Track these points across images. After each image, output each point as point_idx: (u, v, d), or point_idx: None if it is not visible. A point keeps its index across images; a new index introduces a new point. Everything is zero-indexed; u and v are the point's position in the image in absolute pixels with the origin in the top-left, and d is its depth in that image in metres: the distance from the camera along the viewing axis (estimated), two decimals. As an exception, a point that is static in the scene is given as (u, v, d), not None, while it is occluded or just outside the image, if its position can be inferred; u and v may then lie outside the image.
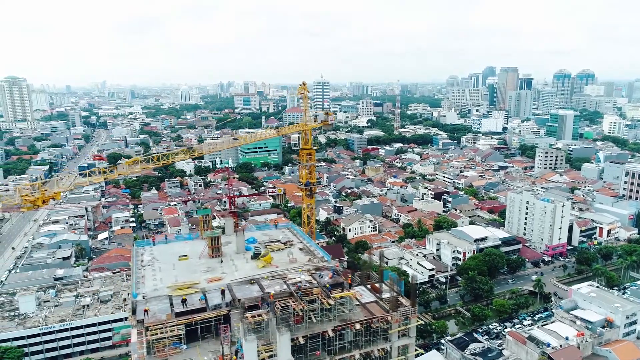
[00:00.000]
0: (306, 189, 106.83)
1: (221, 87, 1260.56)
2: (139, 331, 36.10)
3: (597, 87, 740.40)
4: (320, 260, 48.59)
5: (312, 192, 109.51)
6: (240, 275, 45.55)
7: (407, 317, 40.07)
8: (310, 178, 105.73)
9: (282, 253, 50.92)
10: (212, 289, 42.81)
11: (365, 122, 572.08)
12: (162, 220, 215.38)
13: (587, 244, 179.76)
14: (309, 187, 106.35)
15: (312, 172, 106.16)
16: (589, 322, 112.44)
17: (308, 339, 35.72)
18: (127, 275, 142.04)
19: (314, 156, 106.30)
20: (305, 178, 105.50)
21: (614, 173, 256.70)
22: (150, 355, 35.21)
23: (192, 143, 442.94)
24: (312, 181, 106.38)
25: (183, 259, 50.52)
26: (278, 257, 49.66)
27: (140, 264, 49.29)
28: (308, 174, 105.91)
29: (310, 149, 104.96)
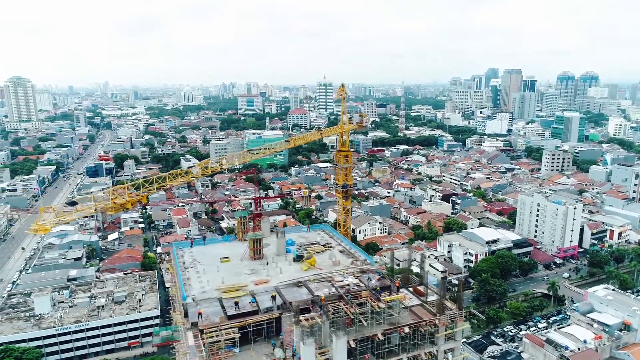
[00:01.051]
0: (343, 191, 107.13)
1: (224, 88, 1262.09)
2: (194, 334, 35.95)
3: (600, 89, 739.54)
4: (363, 263, 48.50)
5: (348, 194, 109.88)
6: (286, 277, 45.39)
7: (454, 320, 39.97)
8: (347, 180, 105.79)
9: (324, 255, 50.76)
10: (260, 291, 42.63)
11: (369, 123, 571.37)
12: (170, 221, 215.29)
13: (598, 247, 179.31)
14: (345, 189, 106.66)
15: (349, 174, 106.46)
16: (607, 325, 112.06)
17: (358, 342, 35.50)
18: (140, 277, 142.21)
19: (350, 158, 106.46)
20: (342, 180, 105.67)
21: (622, 175, 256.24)
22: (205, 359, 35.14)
23: (196, 144, 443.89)
24: (349, 183, 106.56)
25: (225, 261, 50.37)
26: (320, 259, 49.47)
27: (182, 266, 49.13)
28: (345, 175, 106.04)
29: (347, 150, 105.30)
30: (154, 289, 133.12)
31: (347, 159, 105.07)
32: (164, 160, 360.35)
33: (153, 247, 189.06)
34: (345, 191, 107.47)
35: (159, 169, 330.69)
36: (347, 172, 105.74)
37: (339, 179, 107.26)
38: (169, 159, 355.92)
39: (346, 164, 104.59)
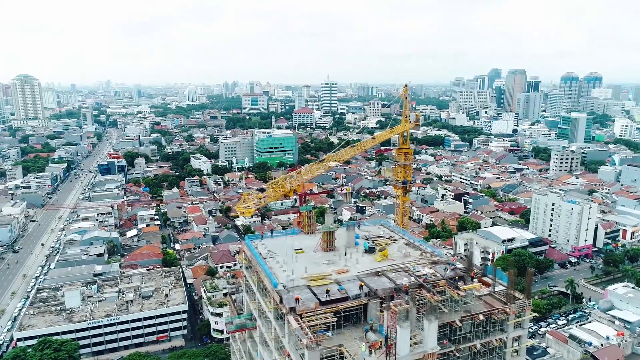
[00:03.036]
0: (402, 187, 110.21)
1: (226, 87, 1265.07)
2: (295, 318, 38.04)
3: (604, 90, 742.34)
4: (431, 255, 50.67)
5: (407, 190, 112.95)
6: (363, 268, 47.58)
7: (523, 309, 42.12)
8: (407, 176, 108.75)
9: (392, 248, 52.87)
10: (344, 280, 44.78)
11: (374, 123, 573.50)
12: (186, 218, 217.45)
13: (612, 246, 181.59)
14: (405, 185, 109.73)
15: (409, 170, 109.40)
16: (628, 322, 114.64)
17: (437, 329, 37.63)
18: (164, 272, 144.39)
19: (411, 155, 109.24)
20: (403, 176, 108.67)
21: (632, 176, 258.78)
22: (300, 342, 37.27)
23: (204, 142, 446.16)
24: (408, 179, 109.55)
25: (299, 252, 52.52)
26: (390, 251, 51.55)
27: (261, 257, 51.26)
28: (404, 172, 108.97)
29: (407, 148, 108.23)
30: (179, 284, 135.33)
31: (407, 157, 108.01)
32: (173, 158, 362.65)
33: (171, 244, 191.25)
34: (405, 187, 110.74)
35: (169, 167, 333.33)
36: (407, 169, 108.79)
37: (398, 176, 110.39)
38: (179, 157, 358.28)
39: (406, 161, 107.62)
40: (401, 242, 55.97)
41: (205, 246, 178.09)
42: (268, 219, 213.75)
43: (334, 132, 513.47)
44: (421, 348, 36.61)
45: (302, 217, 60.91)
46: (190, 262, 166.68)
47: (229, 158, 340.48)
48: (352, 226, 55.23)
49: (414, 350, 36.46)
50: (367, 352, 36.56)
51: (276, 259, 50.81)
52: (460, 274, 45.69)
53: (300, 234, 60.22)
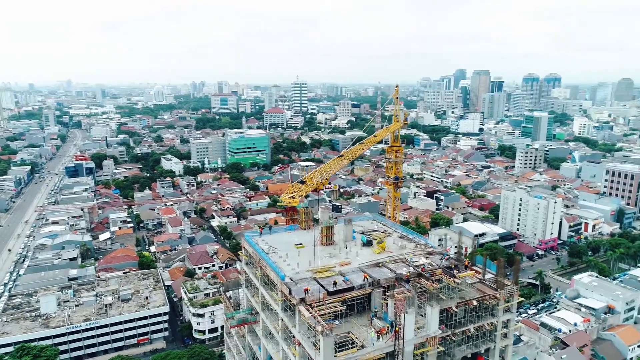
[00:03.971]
0: (394, 183, 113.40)
1: (194, 86, 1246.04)
2: (306, 307, 39.53)
3: (563, 90, 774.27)
4: (425, 247, 53.19)
5: (398, 185, 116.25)
6: (364, 260, 49.55)
7: (512, 294, 45.17)
8: (398, 173, 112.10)
9: (388, 240, 55.06)
10: (347, 272, 46.58)
11: (345, 122, 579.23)
12: (160, 220, 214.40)
13: (575, 239, 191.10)
14: (397, 181, 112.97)
15: (400, 167, 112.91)
16: (593, 309, 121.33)
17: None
18: (142, 275, 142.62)
19: (401, 152, 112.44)
20: (394, 173, 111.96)
21: (591, 172, 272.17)
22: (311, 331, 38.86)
23: (173, 143, 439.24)
24: (399, 175, 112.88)
25: (299, 247, 53.92)
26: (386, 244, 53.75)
27: (264, 252, 52.36)
28: (395, 169, 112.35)
29: (399, 146, 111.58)
30: (158, 286, 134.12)
31: (398, 154, 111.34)
32: (143, 159, 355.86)
33: (146, 247, 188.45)
34: (396, 183, 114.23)
35: (139, 169, 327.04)
36: (397, 165, 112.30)
37: (390, 172, 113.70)
38: (149, 159, 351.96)
39: (397, 158, 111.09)
40: (395, 235, 58.50)
41: (181, 248, 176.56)
42: (244, 219, 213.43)
43: (305, 132, 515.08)
44: (424, 332, 39.01)
45: (300, 214, 62.50)
46: (167, 264, 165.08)
47: (200, 159, 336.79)
48: (349, 221, 57.30)
49: (418, 334, 38.81)
50: (375, 337, 38.65)
51: (279, 254, 52.24)
52: (454, 263, 48.54)
53: (297, 230, 61.80)
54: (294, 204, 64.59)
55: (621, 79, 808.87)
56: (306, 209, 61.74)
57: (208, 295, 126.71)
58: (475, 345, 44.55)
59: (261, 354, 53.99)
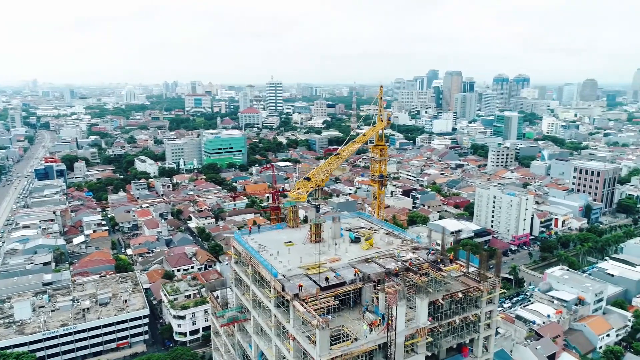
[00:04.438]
0: (379, 181, 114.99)
1: (166, 87, 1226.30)
2: (300, 303, 40.19)
3: (532, 91, 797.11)
4: (412, 242, 54.63)
5: (383, 183, 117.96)
6: (352, 256, 50.57)
7: (494, 286, 47.08)
8: (383, 171, 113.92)
9: (375, 237, 56.25)
10: (338, 267, 47.52)
11: (321, 123, 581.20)
12: (136, 222, 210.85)
13: (546, 234, 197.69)
14: (382, 179, 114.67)
15: (385, 165, 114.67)
16: (565, 301, 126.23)
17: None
18: (120, 278, 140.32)
19: (386, 151, 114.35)
20: (379, 171, 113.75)
21: (560, 169, 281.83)
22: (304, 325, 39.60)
23: (147, 144, 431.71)
24: (384, 174, 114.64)
25: (289, 245, 54.48)
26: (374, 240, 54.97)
27: (254, 250, 52.65)
28: (380, 167, 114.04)
29: (383, 145, 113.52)
30: (137, 289, 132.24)
31: (383, 153, 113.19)
32: (115, 161, 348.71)
33: (122, 250, 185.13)
34: (381, 181, 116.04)
35: (112, 171, 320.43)
36: (382, 164, 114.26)
37: (376, 170, 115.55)
38: (122, 160, 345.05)
39: (382, 157, 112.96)
40: (381, 231, 59.89)
41: (159, 250, 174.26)
42: (222, 220, 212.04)
43: (281, 132, 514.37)
44: (414, 323, 40.38)
45: (288, 212, 63.20)
46: (145, 266, 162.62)
47: (176, 160, 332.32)
48: (337, 218, 58.34)
49: (409, 325, 40.15)
50: (368, 330, 39.78)
51: (269, 252, 52.83)
52: (440, 258, 50.23)
53: (285, 228, 62.43)
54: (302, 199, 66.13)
55: (586, 79, 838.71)
56: (293, 208, 62.56)
57: (189, 297, 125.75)
58: (460, 336, 46.34)
59: (252, 351, 54.48)
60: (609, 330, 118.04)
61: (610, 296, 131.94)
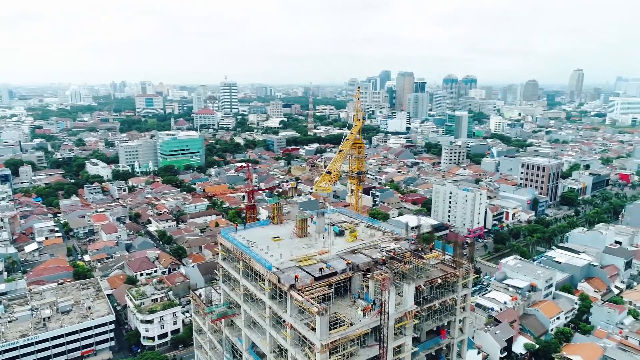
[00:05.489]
0: (357, 177, 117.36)
1: (114, 87, 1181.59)
2: (298, 292, 41.82)
3: (479, 91, 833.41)
4: (392, 234, 57.48)
5: (361, 180, 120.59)
6: (339, 248, 52.68)
7: (468, 272, 50.93)
8: (360, 168, 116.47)
9: (357, 230, 58.65)
10: (328, 259, 49.48)
11: (277, 123, 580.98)
12: (92, 227, 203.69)
13: (498, 226, 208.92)
14: (360, 175, 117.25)
15: (362, 162, 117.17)
16: (519, 289, 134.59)
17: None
18: (81, 285, 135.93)
19: (363, 149, 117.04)
20: (357, 168, 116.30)
21: (508, 166, 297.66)
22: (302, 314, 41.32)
23: (97, 147, 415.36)
24: (362, 170, 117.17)
25: (277, 240, 55.76)
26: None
27: (245, 246, 53.51)
28: (358, 164, 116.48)
29: (361, 143, 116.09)
30: (100, 295, 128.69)
31: (360, 150, 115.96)
32: (65, 165, 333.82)
33: (78, 256, 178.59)
34: (359, 177, 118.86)
35: (62, 175, 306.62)
36: (360, 161, 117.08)
37: (353, 167, 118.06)
38: (72, 164, 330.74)
39: (359, 154, 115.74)
40: (362, 225, 62.69)
41: (119, 255, 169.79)
42: (183, 223, 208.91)
43: (238, 133, 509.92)
44: (403, 307, 43.24)
45: (272, 209, 64.63)
46: (105, 272, 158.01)
47: (130, 162, 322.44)
48: (322, 214, 60.51)
49: (398, 309, 42.97)
50: (362, 315, 42.23)
51: (259, 247, 54.19)
52: (420, 247, 53.62)
53: (270, 225, 63.87)
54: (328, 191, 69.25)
55: (528, 80, 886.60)
56: (277, 205, 64.20)
57: (156, 301, 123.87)
58: (439, 319, 49.88)
59: (243, 344, 55.62)
60: (559, 313, 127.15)
61: (558, 282, 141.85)
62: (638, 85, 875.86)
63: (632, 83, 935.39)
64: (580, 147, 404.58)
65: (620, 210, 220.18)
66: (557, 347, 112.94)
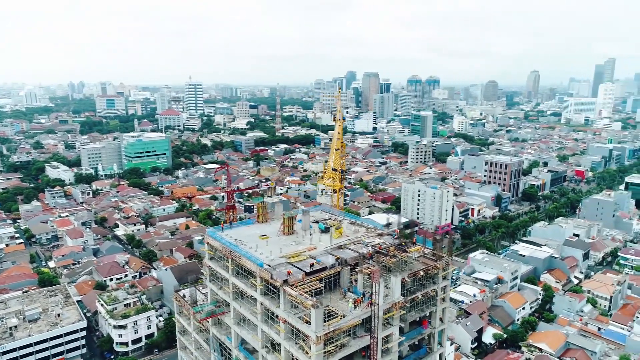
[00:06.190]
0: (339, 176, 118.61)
1: (72, 87, 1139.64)
2: (291, 287, 42.68)
3: (442, 91, 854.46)
4: (375, 230, 59.16)
5: (342, 178, 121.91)
6: (326, 244, 53.84)
7: (447, 264, 53.40)
8: (342, 166, 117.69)
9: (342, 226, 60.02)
10: (316, 255, 50.52)
11: (244, 124, 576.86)
12: (55, 233, 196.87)
13: (465, 222, 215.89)
14: (342, 173, 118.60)
15: (344, 161, 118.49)
16: (487, 281, 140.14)
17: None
18: (48, 292, 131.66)
19: (344, 147, 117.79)
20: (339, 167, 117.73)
21: (472, 164, 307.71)
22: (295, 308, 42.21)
23: (57, 149, 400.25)
24: (344, 169, 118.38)
25: (264, 238, 56.26)
26: None
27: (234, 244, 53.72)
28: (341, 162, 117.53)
29: (342, 142, 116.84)
30: (69, 302, 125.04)
31: (342, 149, 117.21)
32: (23, 168, 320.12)
33: (43, 263, 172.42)
34: (341, 176, 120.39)
35: (20, 179, 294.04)
36: (341, 159, 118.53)
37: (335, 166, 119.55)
38: (30, 167, 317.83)
39: (342, 153, 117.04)
40: (345, 222, 64.29)
41: (86, 260, 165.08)
42: (152, 226, 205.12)
43: (204, 134, 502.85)
44: (390, 298, 45.05)
45: (257, 208, 65.17)
46: (72, 278, 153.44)
47: (93, 165, 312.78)
48: (307, 212, 61.66)
49: (386, 300, 44.74)
50: (353, 307, 43.72)
51: (248, 245, 54.77)
52: (404, 241, 55.72)
53: (255, 224, 64.43)
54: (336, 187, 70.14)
55: (488, 81, 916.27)
56: (263, 204, 64.88)
57: (128, 305, 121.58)
58: (422, 310, 52.09)
59: (232, 341, 56.04)
60: (524, 303, 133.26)
61: (523, 274, 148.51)
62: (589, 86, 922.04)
63: (583, 84, 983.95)
64: (539, 145, 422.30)
65: (577, 205, 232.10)
66: (524, 335, 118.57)
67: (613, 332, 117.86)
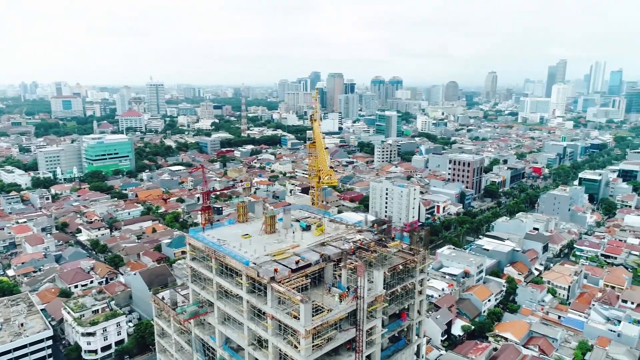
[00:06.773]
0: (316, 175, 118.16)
1: (24, 88, 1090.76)
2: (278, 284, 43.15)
3: (405, 92, 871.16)
4: (354, 227, 60.40)
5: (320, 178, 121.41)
6: (308, 242, 54.53)
7: (424, 258, 55.48)
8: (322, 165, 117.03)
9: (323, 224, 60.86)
10: (300, 252, 51.16)
11: (209, 125, 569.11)
12: (13, 240, 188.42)
13: (431, 219, 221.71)
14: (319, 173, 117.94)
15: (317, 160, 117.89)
16: (454, 276, 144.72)
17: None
18: (9, 301, 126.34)
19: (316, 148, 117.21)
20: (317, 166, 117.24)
21: (436, 162, 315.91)
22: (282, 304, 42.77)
23: (10, 153, 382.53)
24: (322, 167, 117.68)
25: (246, 237, 56.27)
26: None
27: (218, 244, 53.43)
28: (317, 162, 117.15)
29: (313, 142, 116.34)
30: (33, 310, 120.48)
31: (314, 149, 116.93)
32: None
33: (0, 271, 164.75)
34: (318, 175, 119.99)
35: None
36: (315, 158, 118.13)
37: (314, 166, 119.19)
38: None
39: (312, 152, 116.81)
40: (325, 219, 65.38)
41: (48, 267, 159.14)
42: (117, 230, 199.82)
43: (168, 135, 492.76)
44: (373, 292, 46.48)
45: (238, 208, 65.17)
46: (34, 287, 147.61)
47: (51, 169, 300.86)
48: (288, 210, 62.30)
49: (370, 294, 46.14)
50: (339, 301, 44.84)
51: (232, 245, 54.85)
52: (383, 237, 57.39)
53: (236, 224, 64.45)
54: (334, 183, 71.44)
55: (449, 82, 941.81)
56: (243, 204, 65.04)
57: (97, 312, 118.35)
58: (401, 302, 53.94)
59: (216, 340, 55.99)
60: (489, 296, 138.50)
61: (488, 267, 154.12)
62: (543, 87, 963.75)
63: (537, 84, 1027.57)
64: (498, 143, 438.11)
65: (536, 200, 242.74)
66: (490, 326, 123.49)
67: (572, 320, 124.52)
